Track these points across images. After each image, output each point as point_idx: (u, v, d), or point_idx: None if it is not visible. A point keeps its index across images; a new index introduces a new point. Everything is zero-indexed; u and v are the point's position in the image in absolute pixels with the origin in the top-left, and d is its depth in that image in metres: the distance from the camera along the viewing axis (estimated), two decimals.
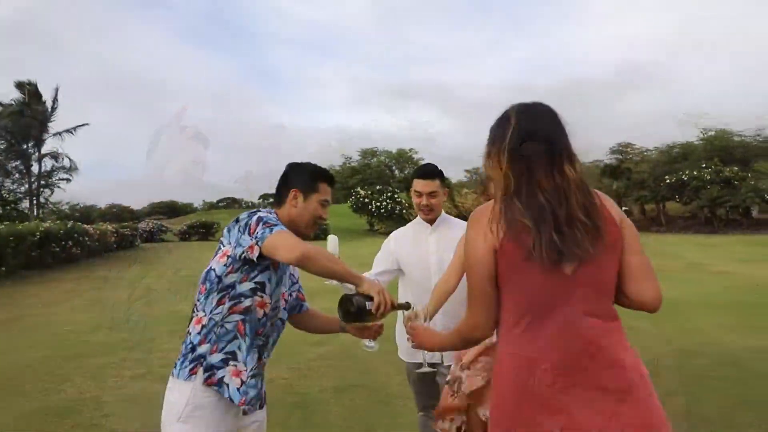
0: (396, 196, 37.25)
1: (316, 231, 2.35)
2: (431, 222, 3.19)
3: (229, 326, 2.08)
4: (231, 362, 2.07)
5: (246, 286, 2.09)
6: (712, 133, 44.93)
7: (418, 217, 3.25)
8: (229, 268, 2.08)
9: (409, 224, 3.36)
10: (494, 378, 1.68)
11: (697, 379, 5.40)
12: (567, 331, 1.54)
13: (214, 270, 2.11)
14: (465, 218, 3.07)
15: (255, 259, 2.00)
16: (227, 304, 2.08)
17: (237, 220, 2.11)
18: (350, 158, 68.16)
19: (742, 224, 37.31)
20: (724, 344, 6.75)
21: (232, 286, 2.08)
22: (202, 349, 2.07)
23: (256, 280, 2.11)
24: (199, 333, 2.10)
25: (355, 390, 5.32)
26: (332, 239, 2.65)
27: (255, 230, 2.00)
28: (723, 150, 42.78)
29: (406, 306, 2.18)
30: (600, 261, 1.57)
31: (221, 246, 2.14)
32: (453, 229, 3.17)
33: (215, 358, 2.05)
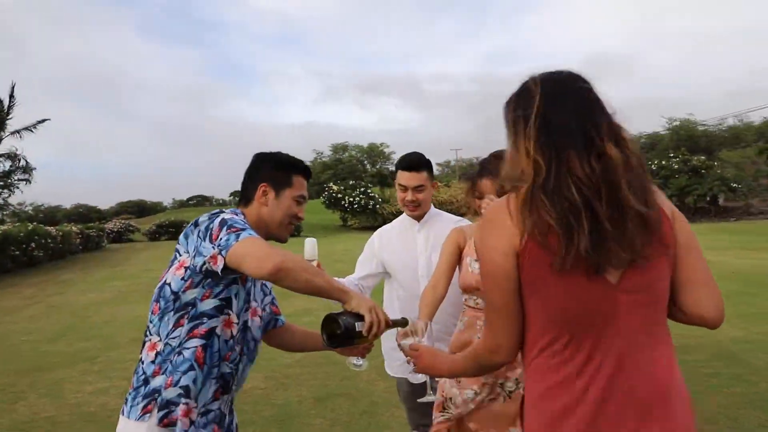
0: (369, 190, 36.93)
1: (291, 233, 1.98)
2: (419, 219, 2.85)
3: (186, 353, 1.71)
4: (184, 399, 1.69)
5: (209, 304, 1.73)
6: (677, 122, 45.71)
7: (404, 214, 2.91)
8: (188, 283, 1.71)
9: (395, 221, 3.01)
10: (526, 417, 1.34)
11: (694, 377, 5.18)
12: (612, 363, 1.24)
13: (169, 285, 1.74)
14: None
15: (219, 272, 1.63)
16: (186, 326, 1.72)
17: (196, 224, 1.74)
18: (321, 153, 67.37)
19: (710, 212, 38.01)
20: (713, 335, 6.57)
21: (192, 303, 1.72)
22: (157, 381, 1.69)
23: (221, 296, 1.74)
24: (153, 361, 1.72)
25: (337, 399, 4.96)
26: (310, 243, 2.28)
27: (218, 236, 1.63)
28: (688, 139, 43.59)
29: (403, 323, 1.83)
30: (653, 265, 1.25)
31: (177, 255, 1.76)
32: (444, 225, 2.80)
33: (172, 392, 1.68)
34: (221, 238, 1.62)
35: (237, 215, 1.77)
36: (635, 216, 1.21)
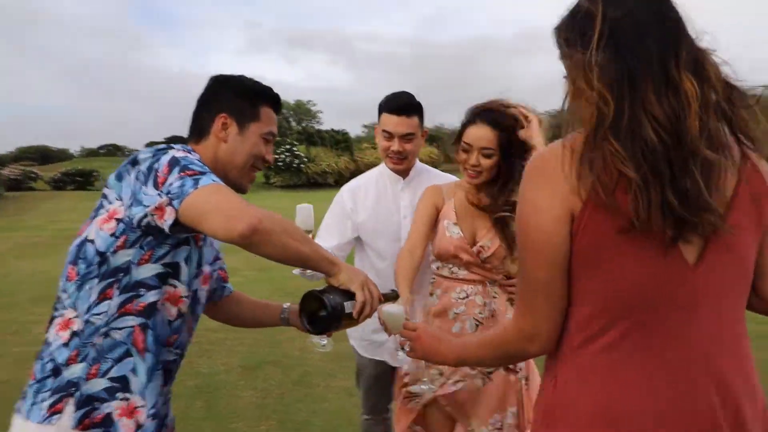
0: (294, 148, 36.05)
1: (253, 180, 1.58)
2: (404, 174, 2.41)
3: (118, 335, 1.32)
4: (120, 394, 1.31)
5: (147, 271, 1.34)
6: None
7: (382, 165, 2.45)
8: (120, 241, 1.31)
9: (369, 174, 2.52)
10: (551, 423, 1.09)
11: None
12: (688, 359, 1.00)
13: (92, 242, 1.33)
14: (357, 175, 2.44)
15: (167, 229, 1.24)
16: (116, 299, 1.32)
17: (134, 161, 1.33)
18: None
19: None
20: None
21: (125, 269, 1.32)
22: (73, 371, 1.30)
23: (166, 260, 1.36)
24: (66, 345, 1.32)
25: (267, 368, 4.63)
26: (305, 210, 1.83)
27: (166, 180, 1.24)
28: None
29: (394, 296, 1.53)
30: (738, 238, 1.01)
31: (104, 203, 1.35)
32: (435, 182, 2.43)
33: (96, 385, 1.30)
34: (171, 183, 1.23)
35: (191, 154, 1.37)
36: (715, 175, 0.96)
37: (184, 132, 1.55)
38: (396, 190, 2.42)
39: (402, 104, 2.28)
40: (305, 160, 35.99)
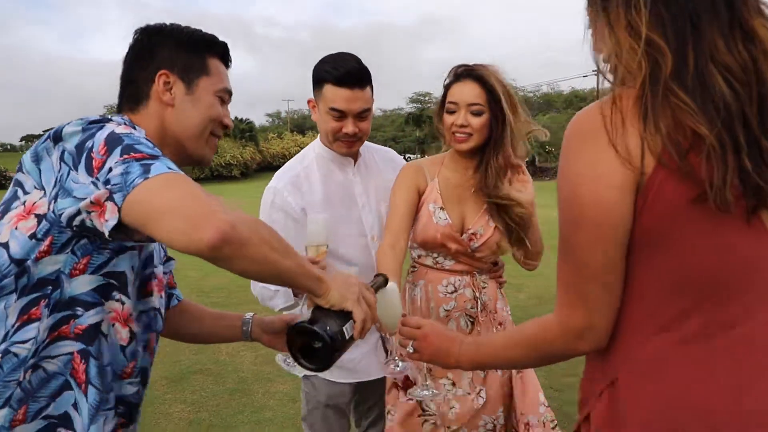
0: None
1: (215, 150, 1.31)
2: (354, 157, 2.02)
3: (51, 366, 1.02)
4: (63, 429, 1.03)
5: (85, 284, 1.05)
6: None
7: (318, 146, 2.02)
8: (44, 245, 1.00)
9: (301, 159, 2.04)
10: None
11: None
12: None
13: (3, 246, 1.01)
14: (269, 167, 1.96)
15: (107, 233, 0.94)
16: (46, 321, 1.01)
17: (57, 137, 1.01)
18: None
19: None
20: None
21: (54, 281, 1.02)
22: None
23: (107, 269, 1.07)
24: None
25: (196, 378, 4.20)
26: (316, 222, 1.54)
27: (104, 164, 0.94)
28: None
29: (383, 281, 1.30)
30: None
31: (18, 193, 1.04)
32: (384, 162, 2.12)
33: (26, 430, 1.00)
34: (112, 170, 0.93)
35: (135, 129, 1.06)
36: None
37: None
38: (347, 176, 2.00)
39: (353, 73, 1.82)
40: None
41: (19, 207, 1.02)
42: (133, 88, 1.21)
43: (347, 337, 1.08)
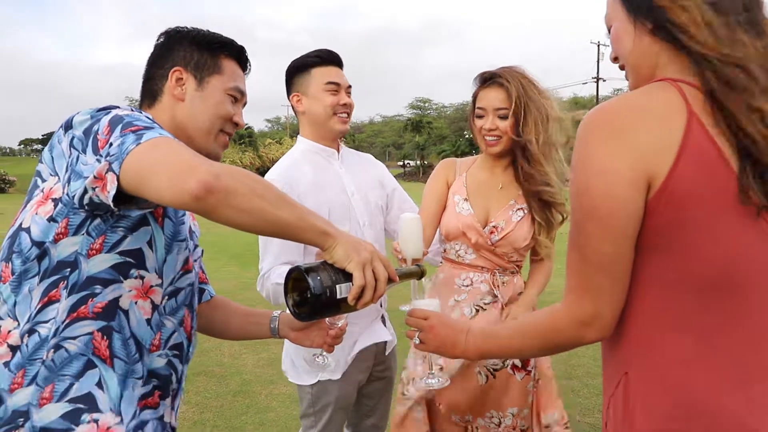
0: None
1: (226, 146, 1.37)
2: (338, 150, 2.16)
3: (73, 346, 1.07)
4: (86, 415, 1.07)
5: (102, 263, 1.10)
6: None
7: (304, 142, 2.13)
8: (61, 226, 1.07)
9: (291, 155, 2.15)
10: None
11: None
12: None
13: (26, 230, 1.09)
14: (265, 173, 2.06)
15: (110, 203, 0.99)
16: (65, 302, 1.07)
17: (68, 125, 1.09)
18: (135, 101, 61.60)
19: None
20: None
21: (72, 263, 1.08)
22: (18, 398, 1.05)
23: (123, 248, 1.12)
24: (5, 365, 1.06)
25: (200, 379, 4.25)
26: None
27: (107, 142, 1.01)
28: None
29: (419, 272, 1.30)
30: None
31: (38, 182, 1.13)
32: (363, 159, 2.28)
33: (51, 413, 1.05)
34: (111, 144, 1.00)
35: (140, 112, 1.14)
36: None
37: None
38: (333, 166, 2.12)
39: (335, 55, 2.09)
40: None
41: (38, 195, 1.10)
42: (151, 85, 1.31)
43: (338, 297, 1.06)
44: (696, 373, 0.93)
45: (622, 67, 1.06)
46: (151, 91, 1.30)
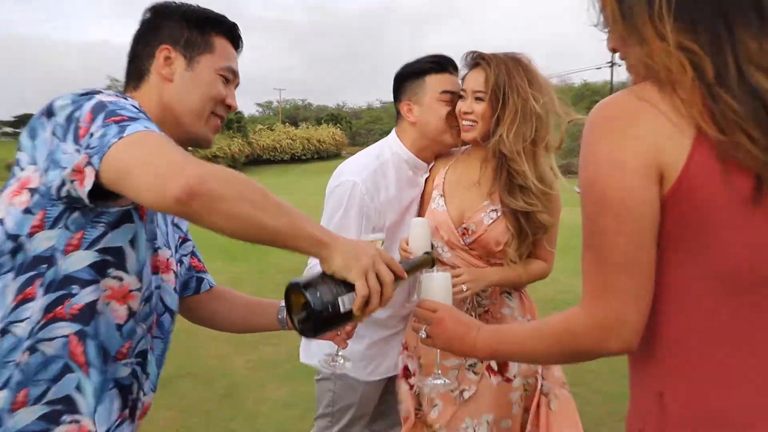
0: None
1: (217, 130, 1.36)
2: (429, 163, 2.13)
3: (49, 348, 1.07)
4: (67, 416, 1.08)
5: (80, 260, 1.09)
6: None
7: (397, 146, 2.09)
8: (37, 218, 1.07)
9: (377, 153, 2.09)
10: None
11: None
12: None
13: (1, 223, 1.07)
14: (259, 161, 1.98)
15: (85, 198, 1.00)
16: (40, 300, 1.07)
17: (50, 112, 1.08)
18: (118, 81, 61.21)
19: None
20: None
21: (48, 259, 1.07)
22: None
23: (103, 245, 1.11)
24: None
25: (184, 382, 4.22)
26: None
27: (88, 131, 1.01)
28: None
29: (430, 260, 1.33)
30: None
31: (15, 170, 1.11)
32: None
33: (25, 417, 1.05)
34: (93, 135, 0.99)
35: (125, 99, 1.12)
36: None
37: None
38: (417, 180, 2.10)
39: (452, 61, 2.04)
40: None
41: (14, 184, 1.08)
42: (137, 64, 1.28)
43: (341, 311, 1.05)
44: (744, 395, 0.91)
45: (622, 57, 1.05)
46: (137, 71, 1.28)
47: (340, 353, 1.36)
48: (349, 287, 1.06)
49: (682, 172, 0.89)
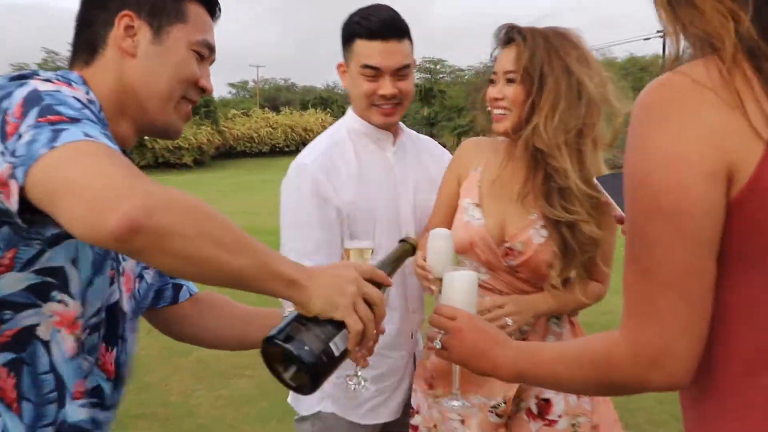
0: None
1: (188, 117, 1.34)
2: (394, 131, 2.15)
3: None
4: None
5: (15, 283, 1.08)
6: None
7: (352, 119, 2.14)
8: None
9: (332, 133, 2.16)
10: None
11: None
12: None
13: None
14: (232, 154, 1.99)
15: (17, 219, 0.99)
16: None
17: None
18: (56, 54, 61.32)
19: None
20: None
21: None
22: None
23: (40, 265, 1.10)
24: None
25: (141, 424, 4.25)
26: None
27: (18, 129, 0.97)
28: None
29: (410, 248, 1.35)
30: None
31: None
32: (425, 154, 2.25)
33: None
34: (21, 137, 0.95)
35: (69, 85, 1.10)
36: None
37: None
38: (384, 155, 2.12)
39: (388, 22, 1.97)
40: None
41: None
42: (90, 33, 1.24)
43: (337, 354, 1.08)
44: None
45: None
46: (88, 42, 1.24)
47: (360, 372, 1.37)
48: (337, 325, 1.08)
49: (756, 171, 0.88)
